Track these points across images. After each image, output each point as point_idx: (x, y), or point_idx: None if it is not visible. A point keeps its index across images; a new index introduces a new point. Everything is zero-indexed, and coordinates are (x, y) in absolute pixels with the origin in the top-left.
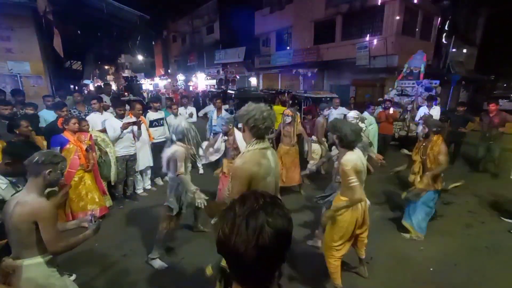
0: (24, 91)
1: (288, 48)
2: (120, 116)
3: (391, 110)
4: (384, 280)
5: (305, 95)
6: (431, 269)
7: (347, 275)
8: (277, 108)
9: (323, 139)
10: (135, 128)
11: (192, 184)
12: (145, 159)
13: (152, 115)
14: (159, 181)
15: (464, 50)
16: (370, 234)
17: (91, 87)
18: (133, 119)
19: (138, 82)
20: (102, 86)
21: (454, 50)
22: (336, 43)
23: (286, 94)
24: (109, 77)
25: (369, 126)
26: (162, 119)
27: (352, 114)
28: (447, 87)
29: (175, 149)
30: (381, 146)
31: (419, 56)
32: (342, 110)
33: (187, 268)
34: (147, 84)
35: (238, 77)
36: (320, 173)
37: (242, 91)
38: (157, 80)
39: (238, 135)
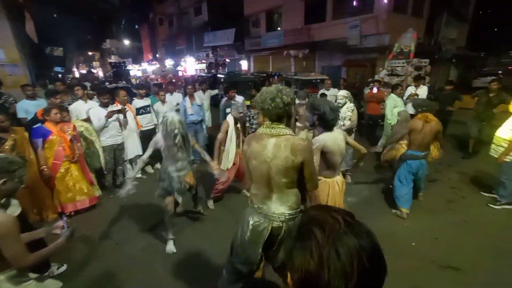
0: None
1: (279, 29)
2: (104, 105)
3: (375, 90)
4: None
5: (295, 77)
6: (413, 244)
7: None
8: None
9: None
10: (121, 116)
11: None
12: (133, 148)
13: (138, 102)
14: (149, 169)
15: (455, 27)
16: (356, 213)
17: (76, 74)
18: (118, 107)
19: (125, 68)
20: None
21: (445, 27)
22: (327, 23)
23: (275, 77)
24: (95, 64)
25: (394, 108)
26: (148, 106)
27: (342, 93)
28: (438, 65)
29: (157, 137)
30: (370, 126)
31: (410, 34)
32: (334, 91)
33: (182, 256)
34: (135, 70)
35: (228, 60)
36: None
37: (232, 75)
38: (145, 65)
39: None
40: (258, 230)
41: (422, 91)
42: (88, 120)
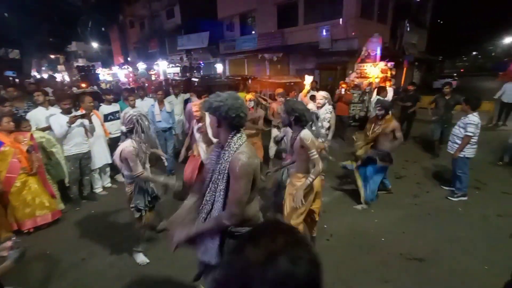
0: None
1: (253, 32)
2: (66, 111)
3: (342, 91)
4: (342, 254)
5: (270, 80)
6: (383, 239)
7: None
8: (242, 95)
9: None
10: (86, 122)
11: (158, 176)
12: (101, 156)
13: (105, 108)
14: (120, 177)
15: (416, 32)
16: (331, 212)
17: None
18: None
19: (94, 72)
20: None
21: (407, 32)
22: (299, 27)
23: (249, 81)
24: (60, 67)
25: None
26: (117, 112)
27: (322, 93)
28: (402, 68)
29: (122, 147)
30: (339, 127)
31: (375, 39)
32: (312, 93)
33: (153, 268)
34: (105, 74)
35: (202, 64)
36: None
37: (206, 78)
38: (115, 69)
39: (208, 120)
40: None
41: (389, 93)
42: (48, 128)
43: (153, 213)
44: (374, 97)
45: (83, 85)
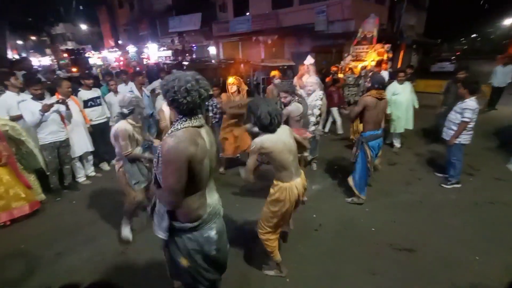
0: None
1: (247, 14)
2: (38, 97)
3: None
4: (332, 246)
5: (262, 64)
6: (373, 229)
7: (291, 245)
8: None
9: None
10: (63, 108)
11: (144, 153)
12: (81, 144)
13: (84, 94)
14: (105, 166)
15: (414, 14)
16: (321, 200)
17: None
18: (55, 99)
19: (84, 56)
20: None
21: (405, 14)
22: (294, 7)
23: (242, 64)
24: (48, 51)
25: (393, 96)
26: (98, 97)
27: (311, 79)
28: (399, 51)
29: (116, 126)
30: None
31: (372, 20)
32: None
33: (132, 263)
34: (95, 58)
35: (195, 47)
36: None
37: (197, 62)
38: (105, 52)
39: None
40: (221, 231)
41: (385, 77)
42: (21, 117)
43: (143, 191)
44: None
45: (74, 69)
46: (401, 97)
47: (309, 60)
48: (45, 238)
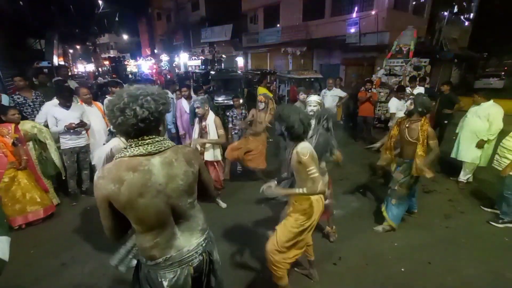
0: None
1: (277, 25)
2: (65, 105)
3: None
4: (351, 285)
5: (288, 76)
6: (403, 269)
7: (302, 278)
8: (263, 91)
9: None
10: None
11: None
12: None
13: None
14: None
15: (458, 26)
16: (342, 228)
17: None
18: (83, 106)
19: (123, 63)
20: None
21: (447, 26)
22: (325, 20)
23: (269, 76)
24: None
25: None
26: None
27: (314, 98)
28: (439, 66)
29: (111, 146)
30: (363, 129)
31: (409, 32)
32: (337, 91)
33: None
34: (131, 66)
35: (224, 57)
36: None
37: (223, 71)
38: (140, 61)
39: (211, 118)
40: (179, 285)
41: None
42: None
43: None
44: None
45: (114, 75)
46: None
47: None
48: (54, 245)
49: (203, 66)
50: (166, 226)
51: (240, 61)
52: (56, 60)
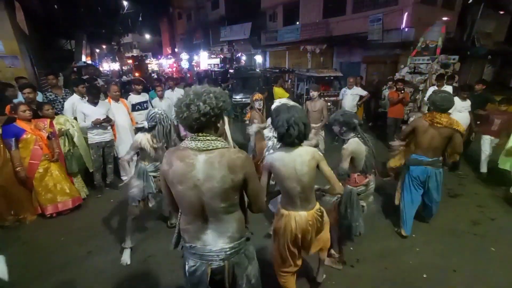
0: None
1: (297, 23)
2: (93, 102)
3: (402, 91)
4: None
5: (307, 74)
6: (425, 275)
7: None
8: (279, 92)
9: (315, 124)
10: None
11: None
12: (127, 145)
13: (134, 98)
14: None
15: (493, 19)
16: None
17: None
18: (110, 103)
19: (145, 62)
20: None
21: (481, 19)
22: (347, 16)
23: (287, 74)
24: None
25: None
26: (145, 102)
27: (284, 101)
28: (470, 63)
29: (135, 138)
30: (392, 131)
31: (437, 27)
32: (357, 90)
33: (152, 268)
34: (153, 64)
35: (243, 55)
36: None
37: (242, 69)
38: (161, 59)
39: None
40: (196, 276)
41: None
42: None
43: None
44: (427, 95)
45: (136, 74)
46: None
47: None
48: (81, 234)
49: (222, 65)
50: (197, 218)
51: (258, 59)
52: (85, 60)
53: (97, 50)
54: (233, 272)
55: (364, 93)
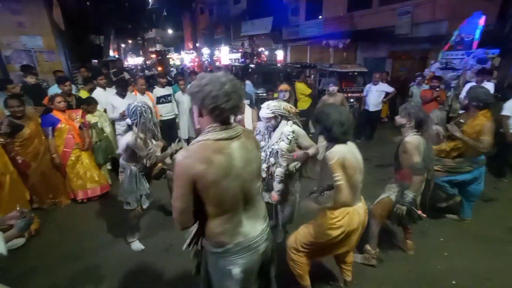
0: (38, 67)
1: (320, 17)
2: (121, 94)
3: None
4: None
5: (330, 69)
6: (454, 281)
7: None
8: (301, 87)
9: None
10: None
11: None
12: None
13: (158, 91)
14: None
15: None
16: (384, 230)
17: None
18: (137, 96)
19: (167, 57)
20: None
21: None
22: (373, 9)
23: (308, 70)
24: (141, 52)
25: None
26: (169, 95)
27: (273, 104)
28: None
29: (125, 140)
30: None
31: (475, 19)
32: (383, 86)
33: (174, 257)
34: (175, 59)
35: (263, 50)
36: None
37: (262, 64)
38: (183, 54)
39: (248, 113)
40: (247, 271)
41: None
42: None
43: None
44: (463, 92)
45: (159, 68)
46: None
47: None
48: (109, 220)
49: (243, 60)
50: (236, 211)
51: (279, 54)
52: (113, 54)
53: (123, 45)
54: (271, 250)
55: (390, 89)
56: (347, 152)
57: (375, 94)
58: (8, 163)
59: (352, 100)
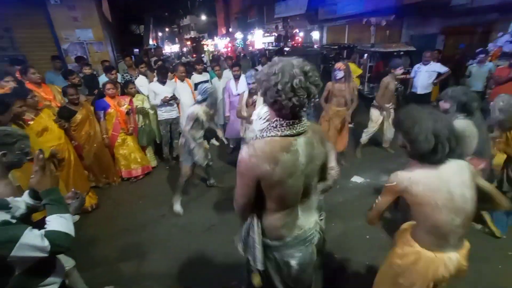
0: (89, 57)
1: None
2: (162, 81)
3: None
4: None
5: (372, 49)
6: None
7: None
8: (352, 67)
9: (388, 104)
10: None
11: (194, 141)
12: None
13: (196, 77)
14: (214, 141)
15: None
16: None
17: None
18: (177, 82)
19: (201, 43)
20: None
21: None
22: None
23: (346, 51)
24: (177, 39)
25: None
26: (207, 81)
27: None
28: None
29: (192, 109)
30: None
31: None
32: (434, 66)
33: (215, 237)
34: (209, 45)
35: (298, 32)
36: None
37: (298, 47)
38: (216, 40)
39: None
40: (306, 263)
41: None
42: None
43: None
44: None
45: (195, 55)
46: None
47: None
48: (155, 198)
49: (276, 43)
50: (295, 206)
51: (315, 35)
52: (152, 42)
53: (160, 34)
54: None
55: (444, 69)
56: (427, 182)
57: (425, 75)
58: (70, 145)
59: (396, 83)
